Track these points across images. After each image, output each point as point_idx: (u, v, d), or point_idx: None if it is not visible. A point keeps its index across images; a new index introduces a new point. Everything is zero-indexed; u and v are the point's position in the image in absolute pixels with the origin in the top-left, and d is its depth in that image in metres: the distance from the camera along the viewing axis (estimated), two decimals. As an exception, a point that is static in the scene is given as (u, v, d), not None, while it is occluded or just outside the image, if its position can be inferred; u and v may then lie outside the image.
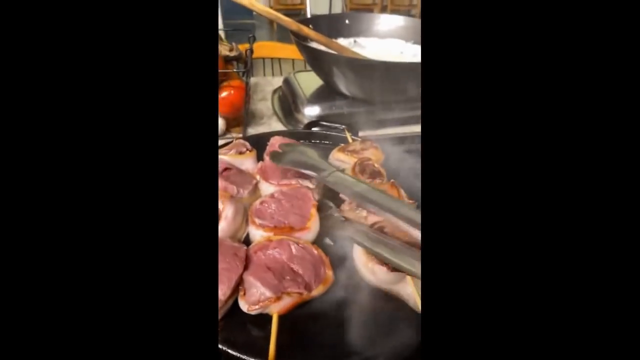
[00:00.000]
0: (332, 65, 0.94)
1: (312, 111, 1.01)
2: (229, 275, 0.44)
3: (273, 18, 0.94)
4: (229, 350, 0.42)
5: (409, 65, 0.86)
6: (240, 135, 0.97)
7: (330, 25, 1.15)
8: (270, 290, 0.44)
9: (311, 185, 0.60)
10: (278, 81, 1.23)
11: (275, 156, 0.61)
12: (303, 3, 1.31)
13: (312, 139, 0.82)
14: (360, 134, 0.89)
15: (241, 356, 0.42)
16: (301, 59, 1.51)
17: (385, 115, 1.00)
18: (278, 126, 1.04)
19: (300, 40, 0.96)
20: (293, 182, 0.60)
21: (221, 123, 0.95)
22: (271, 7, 3.10)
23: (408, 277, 0.47)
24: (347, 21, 1.19)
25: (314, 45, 1.02)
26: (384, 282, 0.48)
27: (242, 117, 0.97)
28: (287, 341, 0.43)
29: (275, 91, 1.20)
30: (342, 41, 1.15)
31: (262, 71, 1.58)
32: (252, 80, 1.33)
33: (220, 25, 1.08)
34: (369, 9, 6.07)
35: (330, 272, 0.48)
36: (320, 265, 0.48)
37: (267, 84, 1.29)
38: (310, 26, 1.07)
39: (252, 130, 1.01)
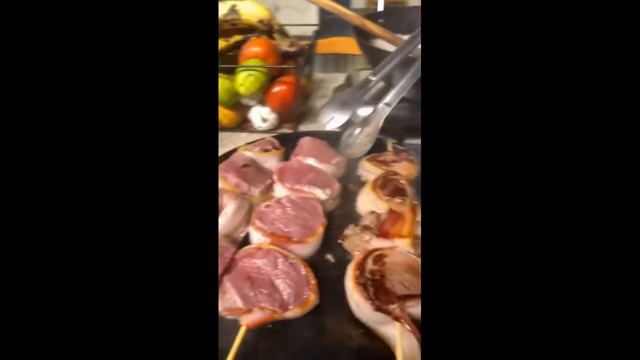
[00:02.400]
0: (393, 67, 0.87)
1: (365, 112, 0.94)
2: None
3: (336, 12, 0.90)
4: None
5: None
6: (291, 130, 0.97)
7: (403, 19, 1.06)
8: (242, 301, 0.42)
9: (323, 196, 0.56)
10: (344, 77, 1.20)
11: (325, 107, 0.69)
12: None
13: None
14: (408, 141, 0.80)
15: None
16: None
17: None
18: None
19: (362, 38, 0.91)
20: (305, 188, 0.57)
21: (273, 117, 0.96)
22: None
23: (396, 323, 0.40)
24: (423, 15, 1.08)
25: (378, 42, 0.95)
26: (368, 320, 0.42)
27: (296, 112, 0.96)
28: (247, 353, 0.41)
29: (337, 88, 1.17)
30: (415, 38, 1.05)
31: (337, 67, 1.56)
32: (320, 76, 1.31)
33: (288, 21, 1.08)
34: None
35: (314, 296, 0.44)
36: (304, 286, 0.44)
37: (332, 80, 1.26)
38: (381, 20, 1.00)
39: (303, 127, 1.00)
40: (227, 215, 0.51)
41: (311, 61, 1.04)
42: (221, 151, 0.71)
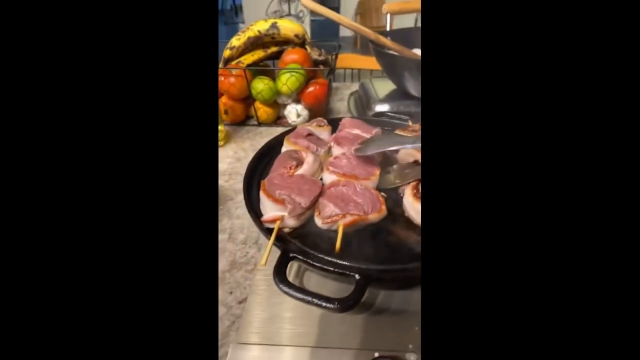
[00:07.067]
0: (403, 69, 1.09)
1: (381, 107, 1.16)
2: (310, 191, 0.61)
3: (355, 29, 1.13)
4: (304, 248, 0.58)
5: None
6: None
7: (407, 37, 1.31)
8: (338, 209, 0.59)
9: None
10: (356, 86, 1.42)
11: (358, 149, 0.73)
12: (384, 23, 1.49)
13: (377, 124, 0.97)
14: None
15: (314, 252, 0.57)
16: (378, 69, 1.69)
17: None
18: (352, 119, 1.20)
19: (378, 48, 1.13)
20: (357, 150, 0.76)
21: (306, 113, 1.16)
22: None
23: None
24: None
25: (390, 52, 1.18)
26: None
27: (323, 109, 1.16)
28: (348, 245, 0.58)
29: (352, 94, 1.38)
30: (417, 52, 1.29)
31: (343, 79, 1.80)
32: (334, 85, 1.53)
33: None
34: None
35: (384, 207, 0.62)
36: (377, 201, 0.62)
37: (346, 88, 1.49)
38: (388, 37, 1.24)
39: (329, 122, 1.20)
40: (309, 163, 0.69)
41: (333, 70, 1.25)
42: (264, 140, 0.87)
